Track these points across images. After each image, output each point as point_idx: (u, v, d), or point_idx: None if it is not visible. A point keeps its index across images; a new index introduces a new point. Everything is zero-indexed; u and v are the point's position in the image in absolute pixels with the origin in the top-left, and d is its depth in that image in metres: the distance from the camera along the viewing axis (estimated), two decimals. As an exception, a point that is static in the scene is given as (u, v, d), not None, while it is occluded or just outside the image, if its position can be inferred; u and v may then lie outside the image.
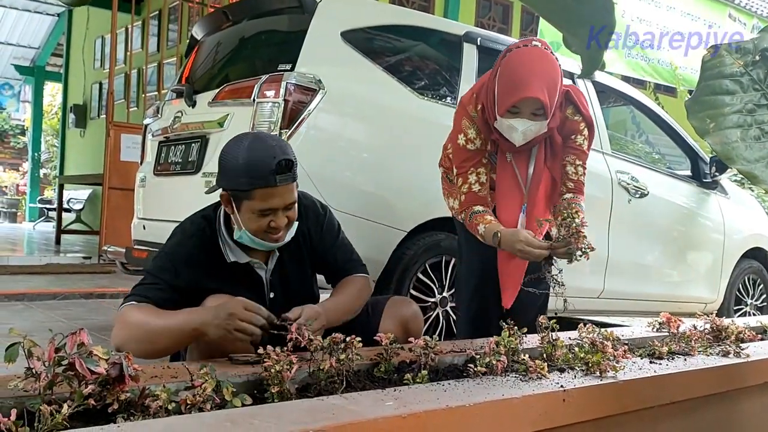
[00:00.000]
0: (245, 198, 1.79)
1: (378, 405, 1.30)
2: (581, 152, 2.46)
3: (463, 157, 2.37)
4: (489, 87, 2.31)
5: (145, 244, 3.52)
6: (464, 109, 2.39)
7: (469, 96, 2.42)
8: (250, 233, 1.84)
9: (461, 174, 2.38)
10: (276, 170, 1.76)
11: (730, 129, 1.38)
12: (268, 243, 1.87)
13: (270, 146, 1.80)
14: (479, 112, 2.35)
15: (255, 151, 1.78)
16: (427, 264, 3.10)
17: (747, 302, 4.65)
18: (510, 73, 2.22)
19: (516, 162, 2.41)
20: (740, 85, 1.42)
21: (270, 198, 1.79)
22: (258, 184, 1.76)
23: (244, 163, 1.77)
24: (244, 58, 3.52)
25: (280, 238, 1.87)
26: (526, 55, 2.24)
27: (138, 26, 9.86)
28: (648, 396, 1.68)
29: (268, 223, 1.82)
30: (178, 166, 3.33)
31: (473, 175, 2.37)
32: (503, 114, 2.24)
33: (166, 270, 1.84)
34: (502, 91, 2.23)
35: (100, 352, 1.20)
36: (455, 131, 2.42)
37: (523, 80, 2.18)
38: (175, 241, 1.93)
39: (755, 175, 1.34)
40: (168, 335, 1.69)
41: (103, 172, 6.58)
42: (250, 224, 1.82)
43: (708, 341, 2.22)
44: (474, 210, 2.36)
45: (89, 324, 3.94)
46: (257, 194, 1.78)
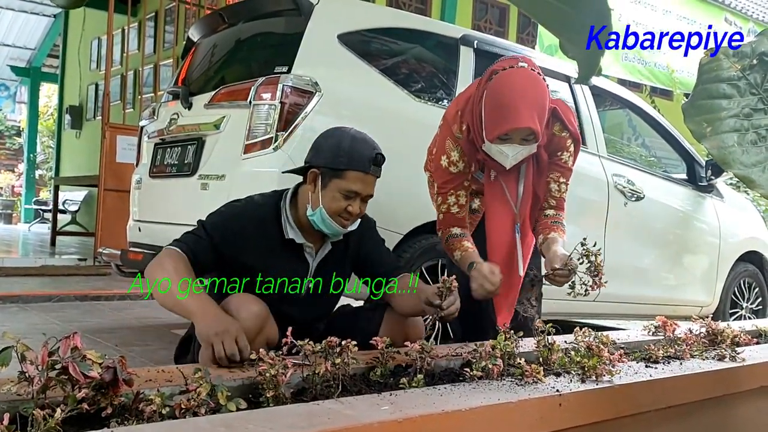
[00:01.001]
0: (336, 177, 1.96)
1: (374, 409, 1.30)
2: (566, 169, 2.42)
3: (445, 179, 2.32)
4: (475, 110, 2.23)
5: (140, 246, 3.51)
6: (449, 128, 2.32)
7: (454, 113, 2.32)
8: (327, 212, 1.97)
9: (441, 194, 2.34)
10: (373, 159, 1.98)
11: (726, 133, 1.38)
12: (336, 226, 2.00)
13: (369, 140, 2.04)
14: (464, 133, 2.27)
15: (359, 139, 2.02)
16: (424, 267, 3.10)
17: (743, 305, 4.65)
18: (498, 98, 2.12)
19: (504, 181, 2.35)
20: (737, 89, 1.42)
21: (358, 182, 1.97)
22: (355, 166, 1.96)
23: (348, 145, 1.98)
24: (240, 61, 3.52)
25: (347, 225, 2.02)
26: (514, 80, 2.13)
27: (134, 28, 9.84)
28: (644, 400, 1.68)
29: (346, 206, 1.97)
30: (174, 168, 3.32)
31: (452, 197, 2.33)
32: (492, 140, 2.17)
33: (218, 229, 1.95)
34: (491, 119, 2.15)
35: (94, 356, 1.19)
36: (438, 150, 2.35)
37: (512, 108, 2.09)
38: (239, 208, 2.04)
39: (752, 180, 1.34)
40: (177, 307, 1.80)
41: (98, 173, 6.56)
42: (330, 203, 1.97)
43: (704, 345, 2.22)
44: (451, 233, 2.34)
45: (84, 326, 3.93)
46: (350, 175, 1.96)
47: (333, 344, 1.50)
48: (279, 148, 2.80)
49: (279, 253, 2.00)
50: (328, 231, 2.01)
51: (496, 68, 2.19)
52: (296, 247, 2.03)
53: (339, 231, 2.02)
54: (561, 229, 2.39)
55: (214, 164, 3.03)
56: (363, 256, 2.15)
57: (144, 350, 3.32)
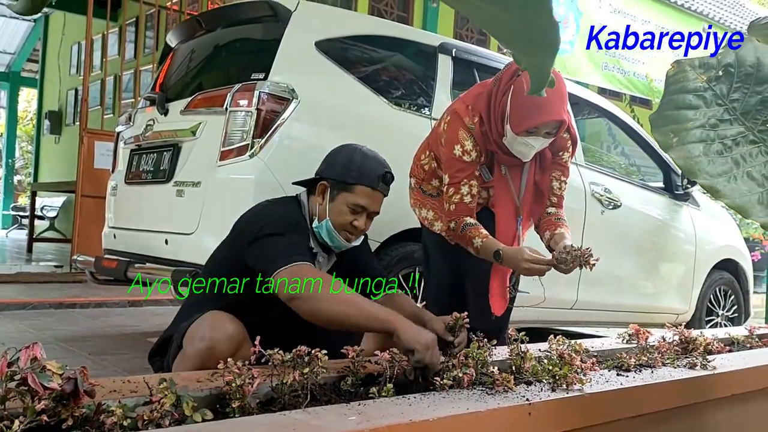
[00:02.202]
0: (345, 190, 2.00)
1: (341, 419, 1.29)
2: (566, 168, 2.57)
3: (458, 168, 2.38)
4: (496, 104, 2.33)
5: (115, 254, 3.47)
6: (461, 120, 2.39)
7: (464, 107, 2.41)
8: (333, 225, 2.01)
9: (454, 184, 2.39)
10: (382, 177, 2.03)
11: (693, 143, 1.39)
12: (341, 240, 2.03)
13: (382, 159, 2.09)
14: (476, 124, 2.37)
15: (370, 156, 2.07)
16: (400, 275, 3.09)
17: (718, 313, 4.69)
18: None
19: (510, 175, 2.46)
20: (703, 100, 1.43)
21: (366, 197, 2.01)
22: (364, 181, 2.00)
23: (360, 161, 2.03)
24: (217, 67, 3.50)
25: (352, 240, 2.06)
26: None
27: (115, 33, 9.77)
28: (614, 409, 1.68)
29: (352, 221, 2.00)
30: (149, 174, 3.30)
31: (465, 187, 2.38)
32: (520, 133, 2.29)
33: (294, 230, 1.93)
34: (521, 112, 2.26)
35: (54, 366, 1.17)
36: (450, 141, 2.40)
37: (545, 102, 2.23)
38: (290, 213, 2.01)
39: (717, 190, 1.35)
40: (371, 321, 1.77)
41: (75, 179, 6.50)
42: (337, 216, 2.00)
43: (676, 353, 2.23)
44: (467, 222, 2.38)
45: (58, 334, 3.87)
46: (358, 190, 2.00)
47: (302, 353, 1.48)
48: (255, 155, 2.79)
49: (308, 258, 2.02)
50: (331, 244, 2.05)
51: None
52: (313, 256, 2.05)
53: (343, 245, 2.05)
54: (565, 225, 2.53)
55: (190, 171, 3.01)
56: (355, 267, 2.16)
57: (117, 359, 3.28)
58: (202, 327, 1.75)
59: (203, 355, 1.70)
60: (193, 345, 1.73)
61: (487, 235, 2.34)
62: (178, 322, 1.96)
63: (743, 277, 4.86)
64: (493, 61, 3.60)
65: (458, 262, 2.56)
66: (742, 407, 2.10)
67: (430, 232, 2.63)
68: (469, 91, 2.53)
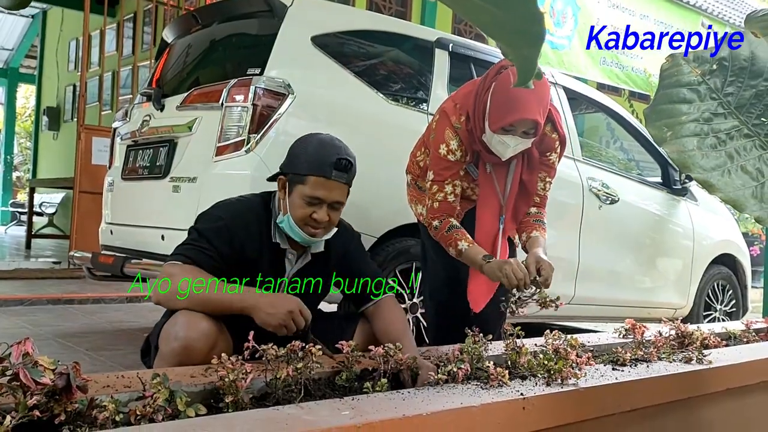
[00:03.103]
0: (299, 182, 1.93)
1: (334, 414, 1.29)
2: (552, 169, 2.55)
3: (442, 166, 2.38)
4: (479, 102, 2.33)
5: (112, 249, 3.47)
6: (447, 118, 2.39)
7: (452, 106, 2.41)
8: (293, 219, 1.94)
9: (438, 182, 2.39)
10: (334, 164, 1.92)
11: (687, 137, 1.38)
12: (303, 234, 1.95)
13: (337, 146, 1.98)
14: (463, 123, 2.37)
15: (322, 144, 1.97)
16: (397, 270, 3.09)
17: (716, 308, 4.70)
18: (506, 92, 2.25)
19: (495, 173, 2.45)
20: (697, 94, 1.43)
21: (321, 188, 1.92)
22: (315, 171, 1.92)
23: (310, 151, 1.94)
24: (213, 62, 3.49)
25: (316, 234, 1.96)
26: None
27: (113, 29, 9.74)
28: (609, 403, 1.68)
29: (311, 213, 1.92)
30: (146, 170, 3.29)
31: (449, 186, 2.38)
32: (496, 130, 2.28)
33: (220, 236, 1.90)
34: (498, 109, 2.26)
35: (46, 362, 1.17)
36: (436, 140, 2.40)
37: (520, 101, 2.23)
38: (234, 209, 1.99)
39: (711, 184, 1.34)
40: (217, 305, 1.77)
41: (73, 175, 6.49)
42: (295, 210, 1.93)
43: (672, 348, 2.23)
44: (453, 224, 2.38)
45: (55, 330, 3.88)
46: (310, 181, 1.92)
47: (295, 349, 1.48)
48: (251, 150, 2.78)
49: (263, 255, 1.97)
50: (297, 239, 1.97)
51: (505, 64, 2.31)
52: (279, 252, 2.01)
53: (307, 240, 1.97)
54: (542, 228, 2.51)
55: (186, 166, 3.00)
56: (345, 270, 2.10)
57: (114, 354, 3.28)
58: (175, 326, 1.73)
59: (179, 354, 1.69)
60: (168, 345, 1.72)
61: (473, 242, 2.35)
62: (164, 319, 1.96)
63: (741, 271, 4.86)
64: (490, 56, 3.59)
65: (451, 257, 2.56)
66: (738, 401, 2.10)
67: (426, 227, 2.60)
68: (460, 89, 2.53)
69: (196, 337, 1.71)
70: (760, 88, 1.43)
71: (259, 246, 1.96)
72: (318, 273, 2.07)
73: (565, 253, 3.67)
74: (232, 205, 2.01)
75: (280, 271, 2.01)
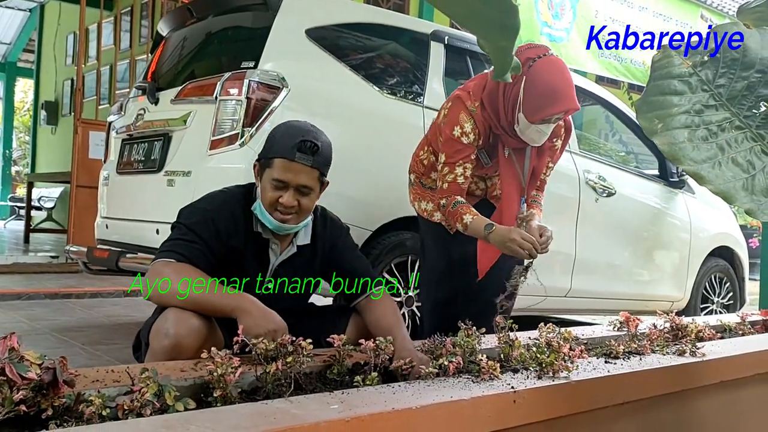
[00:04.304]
0: (267, 166, 1.92)
1: (323, 408, 1.28)
2: (555, 155, 2.64)
3: (455, 148, 2.43)
4: (509, 93, 2.39)
5: (107, 244, 3.46)
6: (462, 103, 2.45)
7: (465, 93, 2.47)
8: (263, 205, 1.92)
9: (449, 164, 2.44)
10: (297, 146, 1.88)
11: (677, 129, 1.37)
12: (273, 220, 1.92)
13: (304, 129, 1.95)
14: (478, 108, 2.43)
15: (290, 127, 1.96)
16: (393, 264, 3.09)
17: (714, 300, 4.69)
18: (545, 84, 2.31)
19: (516, 157, 2.53)
20: (689, 86, 1.42)
21: (285, 171, 1.89)
22: (278, 153, 1.90)
23: (279, 134, 1.95)
24: (208, 55, 3.48)
25: (287, 220, 1.93)
26: (556, 66, 2.36)
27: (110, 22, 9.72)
28: (601, 396, 1.68)
29: (278, 197, 1.90)
30: (140, 164, 3.28)
31: (460, 168, 2.44)
32: (535, 121, 2.35)
33: (207, 228, 1.88)
34: (537, 100, 2.32)
35: (33, 357, 1.17)
36: (450, 122, 2.45)
37: (561, 91, 2.32)
38: (218, 201, 1.98)
39: (702, 176, 1.34)
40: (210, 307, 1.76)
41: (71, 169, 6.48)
42: (264, 195, 1.92)
43: (666, 340, 2.23)
44: (458, 200, 2.44)
45: (52, 324, 3.88)
46: (275, 163, 1.90)
47: (285, 343, 1.48)
48: (245, 143, 2.78)
49: (247, 245, 1.96)
50: (269, 225, 1.94)
51: (531, 56, 2.36)
52: (262, 242, 1.99)
53: (279, 226, 1.92)
54: (539, 207, 2.62)
55: (181, 160, 2.99)
56: (333, 265, 2.08)
57: (110, 348, 3.28)
58: (165, 323, 1.72)
59: (169, 351, 1.68)
60: (159, 342, 1.71)
61: (477, 214, 2.40)
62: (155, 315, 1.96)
63: (738, 264, 4.85)
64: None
65: (454, 251, 2.61)
66: (732, 394, 2.10)
67: (429, 223, 2.68)
68: (470, 81, 2.58)
69: (186, 334, 1.70)
70: (751, 79, 1.42)
71: (243, 237, 1.94)
72: (304, 265, 2.05)
73: (562, 246, 3.66)
74: (215, 197, 2.00)
75: (264, 261, 1.99)
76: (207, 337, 1.74)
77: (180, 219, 1.93)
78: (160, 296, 1.79)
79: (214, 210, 1.92)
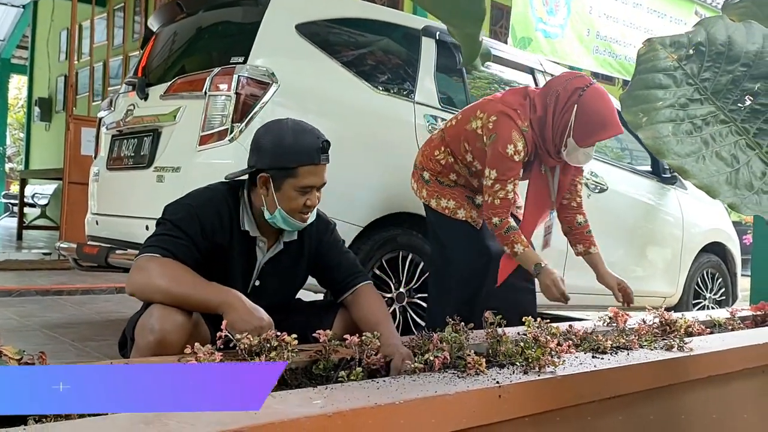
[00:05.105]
0: (289, 176, 1.89)
1: (305, 403, 1.28)
2: (580, 171, 2.82)
3: (508, 166, 2.56)
4: (558, 119, 2.55)
5: (98, 240, 3.45)
6: (513, 121, 2.57)
7: (513, 112, 2.59)
8: (287, 212, 1.91)
9: (501, 181, 2.56)
10: (321, 149, 1.90)
11: (662, 123, 1.37)
12: (298, 222, 1.95)
13: (312, 129, 1.95)
14: (528, 128, 2.59)
15: (301, 132, 1.92)
16: (384, 260, 3.08)
17: (706, 296, 4.70)
18: (595, 112, 2.52)
19: (549, 174, 2.72)
20: (674, 80, 1.41)
21: (312, 175, 1.91)
22: (305, 161, 1.88)
23: (293, 141, 1.89)
24: (198, 50, 3.47)
25: (306, 218, 1.96)
26: (602, 96, 2.56)
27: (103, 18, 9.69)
28: (587, 391, 1.68)
29: (305, 201, 1.92)
30: (130, 160, 3.27)
31: (511, 185, 2.58)
32: (585, 145, 2.54)
33: (192, 224, 1.86)
34: (588, 127, 2.51)
35: (11, 352, 1.16)
36: (502, 140, 2.54)
37: (611, 119, 2.52)
38: (203, 198, 1.95)
39: (686, 170, 1.33)
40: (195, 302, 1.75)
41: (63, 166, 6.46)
42: (289, 203, 1.91)
43: (655, 335, 2.22)
44: (511, 225, 2.57)
45: (43, 321, 3.86)
46: (302, 171, 1.89)
47: (269, 338, 1.47)
48: (235, 139, 2.76)
49: (233, 243, 1.95)
50: (290, 228, 1.97)
51: (578, 85, 2.56)
52: (250, 240, 1.99)
53: (300, 226, 1.97)
54: (594, 240, 2.87)
55: (170, 156, 2.98)
56: (320, 261, 2.09)
57: (100, 345, 3.27)
58: (150, 319, 1.71)
59: (154, 347, 1.68)
60: (143, 338, 1.70)
61: (527, 245, 2.57)
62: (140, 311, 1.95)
63: (731, 260, 4.86)
64: (477, 43, 3.57)
65: (482, 247, 2.72)
66: (720, 389, 2.10)
67: (452, 221, 2.76)
68: (506, 98, 2.67)
69: (171, 330, 1.69)
70: (736, 73, 1.41)
71: (229, 234, 1.93)
72: (291, 262, 2.04)
73: (554, 242, 3.65)
74: (200, 193, 1.98)
75: (251, 259, 1.99)
76: (192, 332, 1.74)
77: (165, 215, 1.91)
78: (144, 291, 1.77)
79: (199, 206, 1.90)
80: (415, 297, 3.20)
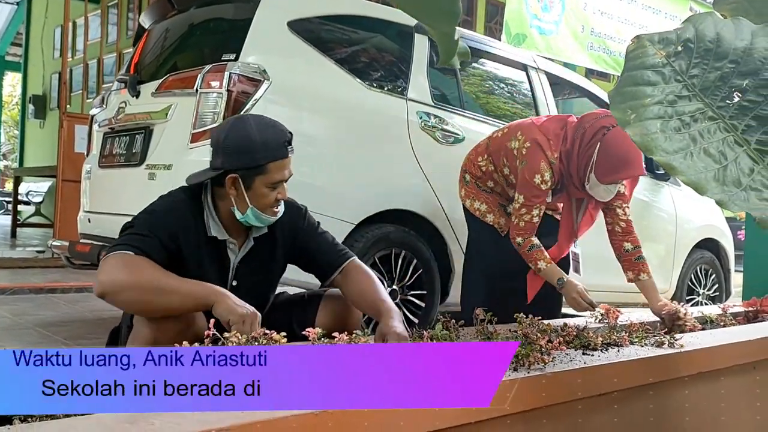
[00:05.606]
0: (259, 174, 1.87)
1: (293, 402, 1.27)
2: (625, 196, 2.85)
3: (534, 194, 2.70)
4: (582, 155, 2.65)
5: (90, 238, 3.44)
6: (543, 152, 2.69)
7: (545, 141, 2.70)
8: (259, 209, 1.89)
9: (527, 206, 2.71)
10: (288, 142, 1.90)
11: (650, 120, 1.37)
12: (271, 217, 1.93)
13: (274, 122, 1.94)
14: (557, 160, 2.70)
15: (265, 127, 1.89)
16: (376, 257, 3.08)
17: (699, 292, 4.71)
18: (618, 152, 2.58)
19: (575, 205, 2.84)
20: (662, 76, 1.41)
21: (282, 169, 1.89)
22: (273, 157, 1.86)
23: (257, 139, 1.85)
24: (190, 47, 3.46)
25: (279, 211, 1.95)
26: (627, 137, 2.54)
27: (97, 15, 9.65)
28: (576, 387, 1.68)
29: (275, 196, 1.90)
30: (122, 157, 3.26)
31: (537, 210, 2.72)
32: (606, 182, 2.63)
33: (158, 227, 1.81)
34: (610, 165, 2.60)
35: None
36: (531, 169, 2.69)
37: (634, 160, 2.58)
38: (165, 205, 1.91)
39: (674, 166, 1.33)
40: (178, 296, 1.70)
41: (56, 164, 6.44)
42: (261, 200, 1.89)
43: (646, 332, 2.23)
44: (534, 243, 2.71)
45: (36, 319, 3.85)
46: (271, 167, 1.87)
47: (257, 336, 1.47)
48: (226, 137, 2.75)
49: (201, 249, 1.90)
50: (263, 224, 1.94)
51: (605, 124, 2.65)
52: (218, 244, 1.94)
53: (273, 220, 1.94)
54: (647, 265, 2.88)
55: (162, 154, 2.97)
56: (299, 247, 2.05)
57: (92, 343, 3.26)
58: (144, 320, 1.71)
59: (152, 336, 1.68)
60: (142, 326, 1.70)
61: (550, 261, 2.71)
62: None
63: (724, 256, 4.86)
64: (472, 41, 3.57)
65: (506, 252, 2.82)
66: (710, 385, 2.10)
67: (482, 223, 2.98)
68: (546, 124, 2.78)
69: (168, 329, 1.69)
70: (725, 70, 1.41)
71: (195, 240, 1.88)
72: (265, 255, 2.00)
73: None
74: (161, 201, 1.92)
75: (224, 262, 1.95)
76: (189, 323, 1.74)
77: (128, 223, 1.85)
78: (117, 290, 1.68)
79: (161, 212, 1.86)
80: (408, 294, 3.20)
